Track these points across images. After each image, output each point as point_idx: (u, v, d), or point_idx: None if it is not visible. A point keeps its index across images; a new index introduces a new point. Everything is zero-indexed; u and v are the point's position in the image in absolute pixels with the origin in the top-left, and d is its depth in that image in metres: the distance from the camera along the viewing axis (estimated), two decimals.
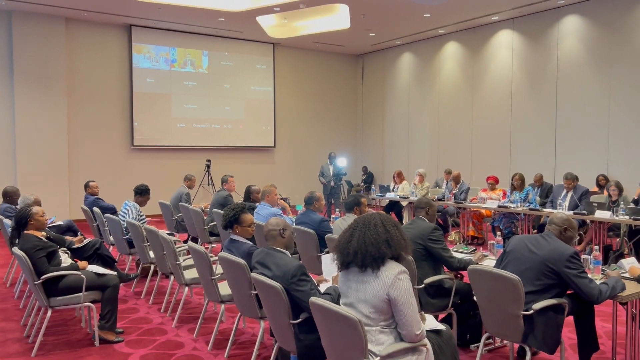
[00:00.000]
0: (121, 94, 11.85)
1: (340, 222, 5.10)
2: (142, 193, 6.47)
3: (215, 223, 6.93)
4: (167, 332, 4.61)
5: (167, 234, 5.23)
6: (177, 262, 4.71)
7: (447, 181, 9.80)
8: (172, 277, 5.08)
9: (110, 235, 6.51)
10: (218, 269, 4.13)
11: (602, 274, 3.62)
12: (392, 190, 10.24)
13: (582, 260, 3.70)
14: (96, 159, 11.53)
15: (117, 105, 11.81)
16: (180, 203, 7.74)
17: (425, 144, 13.19)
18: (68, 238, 5.37)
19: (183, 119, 12.51)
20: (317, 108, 14.59)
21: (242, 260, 3.58)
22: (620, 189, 7.39)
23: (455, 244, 7.89)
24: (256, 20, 11.28)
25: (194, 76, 12.63)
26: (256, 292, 3.44)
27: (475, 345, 4.00)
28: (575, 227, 3.46)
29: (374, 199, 10.50)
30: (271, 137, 13.71)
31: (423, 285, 3.86)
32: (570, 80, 10.09)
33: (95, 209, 6.96)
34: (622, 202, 7.01)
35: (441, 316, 4.15)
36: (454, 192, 9.14)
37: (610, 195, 7.46)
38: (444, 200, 9.07)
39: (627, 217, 6.45)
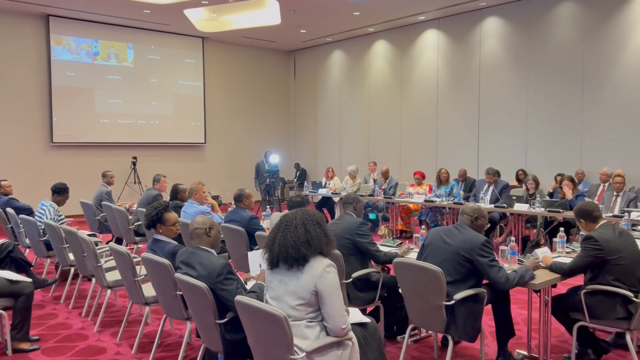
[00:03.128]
0: (39, 88, 11.18)
1: (276, 217, 5.07)
2: (60, 192, 6.14)
3: (141, 223, 6.69)
4: (88, 337, 4.40)
5: (88, 234, 4.99)
6: (99, 264, 4.50)
7: (372, 173, 10.02)
8: (93, 280, 4.84)
9: (26, 237, 6.13)
10: (142, 270, 3.98)
11: (518, 263, 3.81)
12: (324, 187, 10.33)
13: (500, 251, 3.89)
14: (11, 157, 10.81)
15: (35, 99, 11.13)
16: (103, 202, 7.41)
17: (356, 140, 13.39)
18: None
19: (107, 114, 11.99)
20: (249, 104, 14.42)
21: (166, 261, 3.47)
22: (537, 183, 7.83)
23: (385, 237, 8.06)
24: (184, 14, 10.99)
25: (119, 70, 12.12)
26: (181, 292, 3.35)
27: (402, 336, 4.10)
28: (485, 215, 3.62)
29: (306, 195, 10.53)
30: (201, 134, 13.42)
31: (351, 279, 3.91)
32: (491, 79, 10.57)
33: (9, 209, 6.53)
34: (538, 195, 7.43)
35: (369, 309, 4.23)
36: (383, 187, 9.33)
37: (527, 189, 7.88)
38: (374, 196, 9.24)
39: (542, 209, 6.85)
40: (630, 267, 3.46)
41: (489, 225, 3.81)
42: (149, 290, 3.96)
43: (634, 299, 3.36)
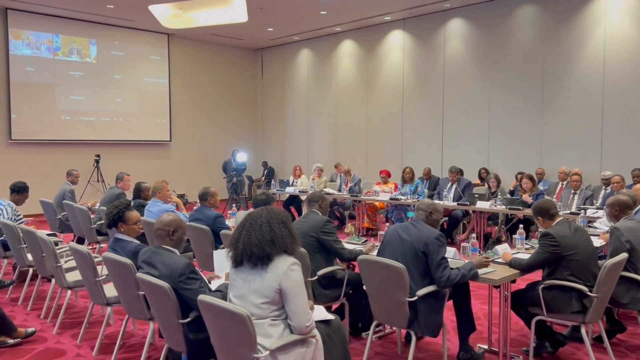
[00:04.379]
0: None
1: (241, 216, 5.03)
2: (19, 191, 5.96)
3: (103, 222, 6.54)
4: (47, 339, 4.29)
5: (48, 234, 4.86)
6: (58, 264, 4.39)
7: (340, 174, 10.09)
8: (53, 281, 4.72)
9: None
10: (104, 270, 3.91)
11: None
12: (292, 185, 10.33)
13: (461, 247, 3.98)
14: None
15: None
16: (65, 201, 7.23)
17: (324, 139, 13.43)
18: None
19: (69, 111, 11.69)
20: (216, 102, 14.29)
21: (127, 260, 3.42)
22: (498, 181, 8.02)
23: (351, 235, 8.11)
24: (149, 10, 10.79)
25: (81, 66, 11.83)
26: (143, 292, 3.31)
27: (367, 333, 4.14)
28: (439, 210, 3.70)
29: (274, 194, 10.51)
30: (166, 131, 13.23)
31: (316, 277, 3.93)
32: (455, 79, 10.76)
33: None
34: (499, 193, 7.62)
35: (334, 306, 4.26)
36: (348, 184, 9.42)
37: (489, 187, 8.07)
38: (341, 193, 9.31)
39: (503, 206, 7.02)
40: (585, 263, 3.58)
41: (444, 219, 3.89)
42: (110, 290, 3.89)
43: (589, 293, 3.48)
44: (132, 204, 3.94)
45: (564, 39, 9.27)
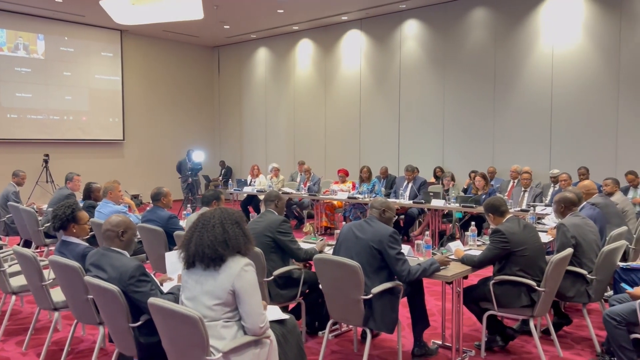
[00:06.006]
0: None
1: (194, 217, 4.95)
2: None
3: (51, 224, 6.30)
4: None
5: None
6: (2, 269, 4.19)
7: (301, 173, 10.07)
8: None
9: None
10: (51, 274, 3.76)
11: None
12: (250, 185, 10.25)
13: (415, 244, 4.03)
14: None
15: None
16: (10, 202, 6.93)
17: (282, 138, 13.38)
18: None
19: (15, 109, 11.22)
20: (171, 100, 14.00)
21: (75, 263, 3.30)
22: (452, 180, 8.19)
23: (309, 234, 8.12)
24: (99, 5, 10.46)
25: (28, 62, 11.38)
26: (92, 296, 3.20)
27: (323, 332, 4.14)
28: (392, 208, 3.76)
29: (231, 194, 10.41)
30: (119, 130, 12.87)
31: (272, 277, 3.90)
32: (411, 80, 10.92)
33: None
34: (453, 192, 7.78)
35: (291, 306, 4.24)
36: (307, 184, 9.41)
37: (444, 185, 8.22)
38: (300, 192, 9.29)
39: (457, 204, 7.17)
40: (534, 258, 3.70)
41: (400, 217, 3.95)
42: (58, 295, 3.75)
43: (537, 287, 3.59)
44: (77, 203, 3.80)
45: (515, 42, 9.56)
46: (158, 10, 11.38)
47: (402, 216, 8.23)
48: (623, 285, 3.72)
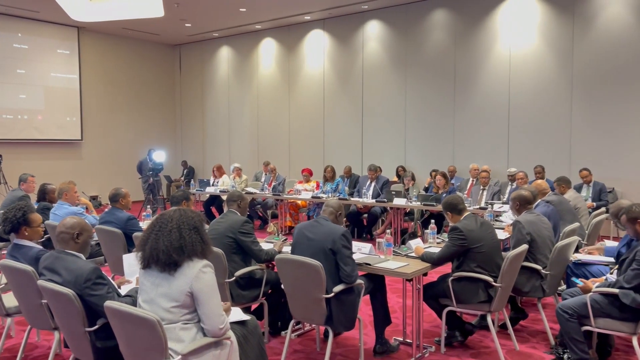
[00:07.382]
0: None
1: None
2: None
3: (1, 227, 6.08)
4: None
5: None
6: None
7: (267, 173, 10.03)
8: None
9: None
10: (2, 279, 3.64)
11: (394, 254, 4.02)
12: (213, 185, 10.14)
13: (377, 243, 4.08)
14: None
15: None
16: None
17: (246, 138, 13.29)
18: None
19: None
20: (131, 99, 13.71)
21: (28, 267, 3.20)
22: (413, 179, 8.32)
23: (273, 234, 8.09)
24: (55, 0, 10.15)
25: None
26: (46, 300, 3.11)
27: (286, 331, 4.14)
28: (344, 212, 3.85)
29: (193, 194, 10.26)
30: (77, 130, 12.53)
31: (234, 277, 3.87)
32: (373, 80, 11.02)
33: None
34: (414, 191, 7.90)
35: (254, 306, 4.23)
36: (272, 183, 9.38)
37: (405, 185, 8.34)
38: (264, 192, 9.25)
39: (418, 203, 7.28)
40: (490, 255, 3.79)
41: (364, 215, 3.96)
42: (10, 300, 3.62)
43: (494, 283, 3.69)
44: (30, 205, 3.69)
45: (474, 43, 9.76)
46: (117, 7, 11.13)
47: (365, 215, 8.31)
48: (574, 279, 3.86)
